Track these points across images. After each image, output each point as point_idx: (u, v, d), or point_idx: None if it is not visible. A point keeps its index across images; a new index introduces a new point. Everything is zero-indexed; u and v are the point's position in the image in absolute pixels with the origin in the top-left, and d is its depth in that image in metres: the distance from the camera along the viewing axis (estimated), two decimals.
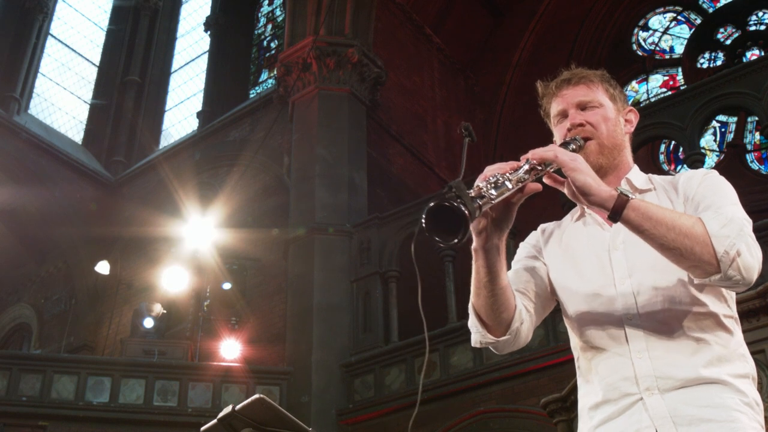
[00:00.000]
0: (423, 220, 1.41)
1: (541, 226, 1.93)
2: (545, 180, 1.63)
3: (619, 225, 1.63)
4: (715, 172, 1.76)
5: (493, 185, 1.49)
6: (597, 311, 1.69)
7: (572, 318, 1.76)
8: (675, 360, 1.60)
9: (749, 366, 1.68)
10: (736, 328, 1.71)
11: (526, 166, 1.55)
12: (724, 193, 1.68)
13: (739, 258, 1.50)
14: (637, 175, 1.83)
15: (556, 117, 1.85)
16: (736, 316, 1.73)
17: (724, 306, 1.69)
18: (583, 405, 1.73)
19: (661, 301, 1.64)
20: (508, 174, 1.53)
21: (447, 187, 1.41)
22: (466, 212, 1.35)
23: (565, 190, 1.60)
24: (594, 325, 1.70)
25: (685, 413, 1.56)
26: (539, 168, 1.57)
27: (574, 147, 1.71)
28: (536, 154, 1.57)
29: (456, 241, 1.40)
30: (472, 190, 1.45)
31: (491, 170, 1.55)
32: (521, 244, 1.93)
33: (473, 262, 1.68)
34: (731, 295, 1.72)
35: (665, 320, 1.62)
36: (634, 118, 1.92)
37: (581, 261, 1.75)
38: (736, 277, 1.52)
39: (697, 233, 1.52)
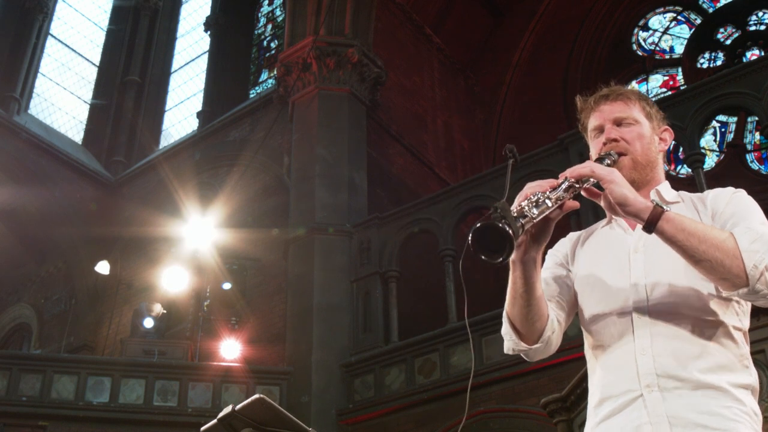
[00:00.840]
0: (470, 240, 1.47)
1: (570, 235, 1.99)
2: (583, 193, 1.68)
3: (641, 230, 1.69)
4: (743, 192, 1.80)
5: (534, 204, 1.56)
6: (610, 309, 1.74)
7: (587, 318, 1.80)
8: (678, 361, 1.63)
9: (752, 378, 1.69)
10: (744, 341, 1.73)
11: (565, 184, 1.61)
12: (752, 212, 1.72)
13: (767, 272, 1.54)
14: (667, 189, 1.87)
15: (593, 131, 1.91)
16: (746, 330, 1.75)
17: (735, 318, 1.72)
18: (590, 404, 1.77)
19: (672, 303, 1.68)
20: (548, 192, 1.59)
21: (493, 208, 1.48)
22: (511, 232, 1.44)
23: (602, 202, 1.64)
24: (605, 322, 1.75)
25: (681, 416, 1.59)
26: (577, 185, 1.63)
27: (608, 162, 1.77)
28: (574, 171, 1.63)
29: (501, 259, 1.47)
30: (514, 209, 1.53)
31: (531, 188, 1.61)
32: (549, 252, 1.97)
33: (510, 273, 1.73)
34: (745, 310, 1.76)
35: (673, 322, 1.66)
36: (669, 137, 1.95)
37: (602, 263, 1.80)
38: (764, 291, 1.55)
39: (728, 247, 1.56)
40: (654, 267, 1.72)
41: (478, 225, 1.45)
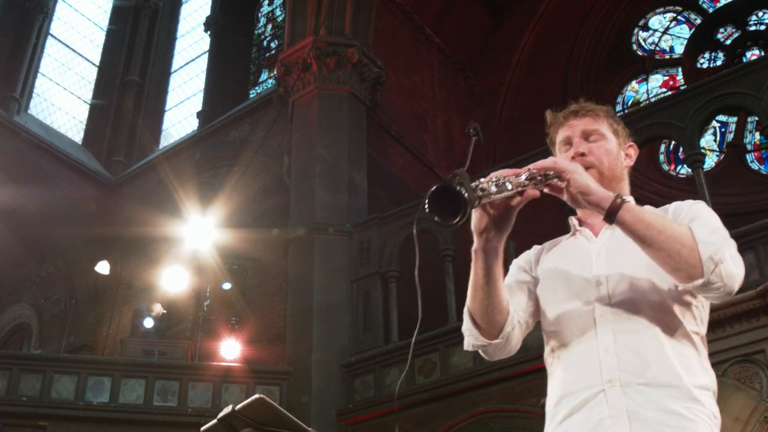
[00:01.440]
0: (426, 200, 1.51)
1: (535, 247, 2.03)
2: (546, 190, 1.71)
3: (604, 237, 1.82)
4: (702, 203, 1.86)
5: (494, 183, 1.59)
6: (572, 310, 1.77)
7: (549, 319, 1.84)
8: (640, 359, 1.66)
9: (711, 381, 1.72)
10: (702, 345, 1.78)
11: (527, 174, 1.65)
12: (711, 218, 1.76)
13: (722, 265, 1.59)
14: (631, 200, 1.88)
15: (561, 144, 1.96)
16: (704, 335, 1.80)
17: (693, 323, 1.77)
18: (548, 404, 1.78)
19: (634, 303, 1.71)
20: (509, 178, 1.63)
21: (451, 174, 1.51)
22: (466, 195, 1.46)
23: (565, 196, 1.68)
24: (567, 321, 1.78)
25: (641, 412, 1.61)
26: (539, 177, 1.66)
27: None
28: (537, 164, 1.68)
29: (456, 221, 1.50)
30: (474, 184, 1.55)
31: (495, 174, 1.65)
32: (513, 262, 2.02)
33: (472, 264, 1.76)
34: (703, 317, 1.82)
35: (635, 321, 1.70)
36: (633, 153, 2.02)
37: (565, 269, 1.84)
38: (718, 284, 1.60)
39: (685, 238, 1.61)
40: (616, 269, 1.76)
41: (436, 186, 1.48)
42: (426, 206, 1.52)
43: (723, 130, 12.38)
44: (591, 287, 1.76)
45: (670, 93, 12.27)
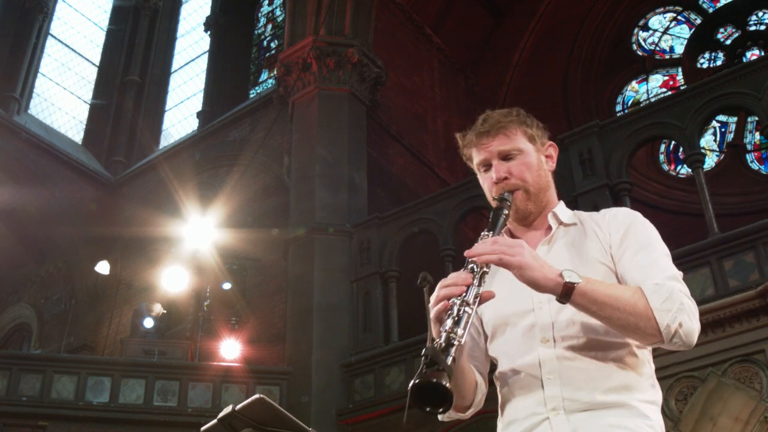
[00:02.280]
0: (409, 399, 1.48)
1: None
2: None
3: (542, 252, 1.79)
4: (638, 215, 1.84)
5: (456, 321, 1.52)
6: (515, 336, 1.77)
7: (494, 346, 1.83)
8: (584, 384, 1.66)
9: (657, 396, 1.73)
10: (649, 359, 1.77)
11: (476, 281, 1.58)
12: (653, 242, 1.76)
13: (681, 329, 1.59)
14: (563, 210, 1.90)
15: (479, 166, 1.91)
16: (650, 350, 1.79)
17: None
18: (499, 423, 1.81)
19: (577, 328, 1.71)
20: (465, 295, 1.56)
21: (423, 356, 1.47)
22: (448, 386, 1.41)
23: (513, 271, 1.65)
24: (511, 349, 1.77)
25: (587, 429, 1.62)
26: (486, 269, 1.61)
27: (506, 212, 1.78)
28: (482, 259, 1.60)
29: (443, 410, 1.50)
30: (441, 340, 1.48)
31: (445, 293, 1.58)
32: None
33: None
34: None
35: (580, 346, 1.70)
36: (554, 152, 1.95)
37: (505, 289, 1.77)
38: (679, 344, 1.61)
39: (640, 309, 1.60)
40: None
41: (415, 383, 1.44)
42: (410, 404, 1.50)
43: (723, 130, 12.39)
44: (532, 312, 1.75)
45: (670, 93, 12.28)
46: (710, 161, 11.86)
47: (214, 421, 1.45)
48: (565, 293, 1.58)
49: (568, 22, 13.99)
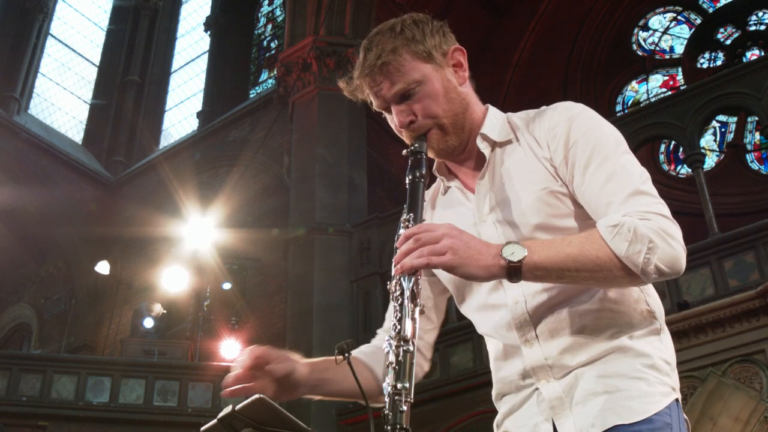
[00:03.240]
0: None
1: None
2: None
3: (481, 192, 1.55)
4: (574, 110, 1.54)
5: (397, 374, 1.32)
6: (480, 298, 1.57)
7: (462, 306, 1.64)
8: (568, 343, 1.46)
9: (656, 320, 1.50)
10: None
11: (407, 301, 1.37)
12: (601, 147, 1.48)
13: (659, 264, 1.35)
14: (492, 127, 1.59)
15: (379, 108, 1.61)
16: None
17: None
18: (493, 394, 1.65)
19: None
20: (400, 333, 1.34)
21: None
22: None
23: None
24: (481, 311, 1.58)
25: (580, 389, 1.44)
26: (419, 277, 1.39)
27: (423, 172, 1.52)
28: (405, 265, 1.36)
29: None
30: (386, 408, 1.31)
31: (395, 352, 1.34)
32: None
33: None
34: None
35: (553, 300, 1.48)
36: (462, 57, 1.61)
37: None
38: (664, 275, 1.38)
39: (604, 260, 1.36)
40: (509, 234, 1.51)
41: None
42: None
43: (723, 130, 12.38)
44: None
45: (670, 93, 12.28)
46: (710, 161, 11.86)
47: (214, 421, 1.44)
48: (513, 274, 1.35)
49: (568, 22, 13.99)
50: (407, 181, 1.52)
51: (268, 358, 1.54)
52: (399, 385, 1.31)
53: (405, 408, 1.29)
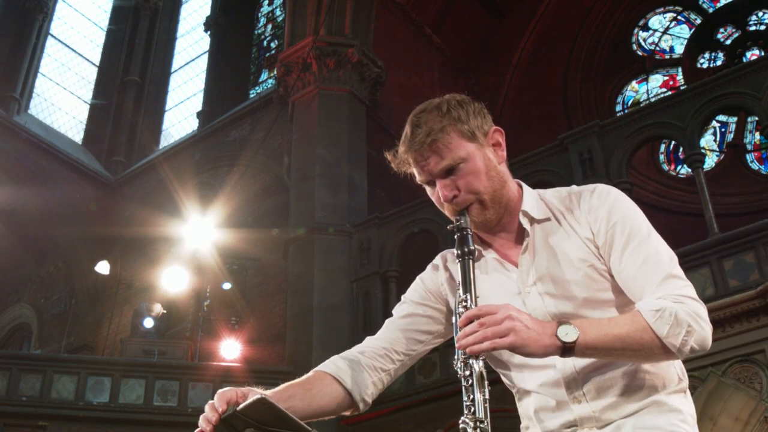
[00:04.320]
0: None
1: (438, 260, 1.85)
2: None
3: (524, 264, 1.67)
4: (612, 195, 1.68)
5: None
6: (523, 358, 1.64)
7: (499, 360, 1.77)
8: (612, 399, 1.61)
9: (682, 379, 1.69)
10: None
11: (476, 382, 1.59)
12: (636, 230, 1.62)
13: (693, 342, 1.54)
14: (531, 205, 1.71)
15: (423, 182, 1.74)
16: None
17: None
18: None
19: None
20: (475, 415, 1.56)
21: None
22: None
23: None
24: (525, 370, 1.70)
25: None
26: (483, 358, 1.56)
27: (472, 249, 1.61)
28: (473, 350, 1.53)
29: None
30: None
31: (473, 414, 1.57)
32: (417, 279, 1.88)
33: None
34: None
35: (599, 361, 1.62)
36: (500, 138, 1.74)
37: (494, 296, 1.68)
38: (695, 353, 1.57)
39: (647, 341, 1.52)
40: (557, 309, 1.64)
41: None
42: None
43: (723, 130, 12.38)
44: None
45: (670, 93, 12.28)
46: (710, 161, 11.86)
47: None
48: (566, 352, 1.50)
49: (568, 22, 13.99)
50: (456, 258, 1.62)
51: (234, 402, 1.60)
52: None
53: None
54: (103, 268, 11.56)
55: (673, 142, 11.97)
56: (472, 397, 1.55)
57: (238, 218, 11.23)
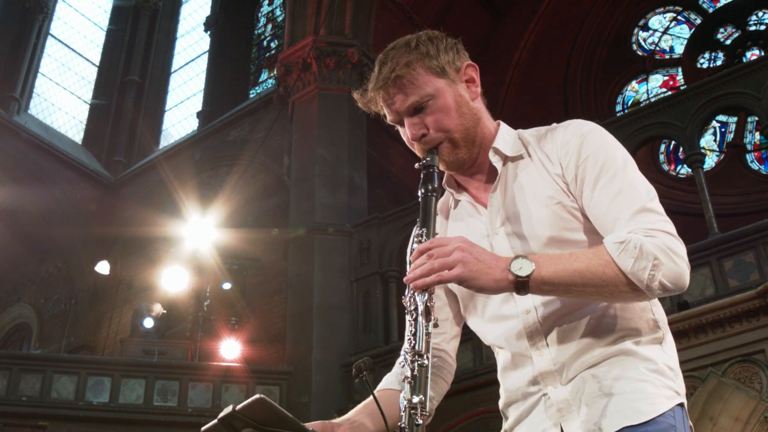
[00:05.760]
0: None
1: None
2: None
3: (494, 205, 1.59)
4: (585, 129, 1.60)
5: (412, 388, 1.37)
6: (492, 309, 1.60)
7: (472, 318, 1.68)
8: (576, 347, 1.51)
9: (660, 329, 1.55)
10: None
11: (421, 316, 1.43)
12: (609, 164, 1.52)
13: (662, 277, 1.40)
14: (504, 142, 1.64)
15: (392, 122, 1.65)
16: None
17: None
18: (500, 399, 1.68)
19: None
20: (415, 348, 1.40)
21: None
22: None
23: None
24: (491, 322, 1.62)
25: (587, 392, 1.48)
26: (432, 292, 1.44)
27: (436, 185, 1.55)
28: (417, 284, 1.42)
29: None
30: (403, 421, 1.35)
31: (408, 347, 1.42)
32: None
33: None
34: None
35: (563, 308, 1.52)
36: (474, 74, 1.64)
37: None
38: (668, 291, 1.43)
39: (611, 276, 1.40)
40: (523, 252, 1.52)
41: None
42: None
43: (723, 130, 12.38)
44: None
45: (670, 93, 12.28)
46: (710, 161, 11.86)
47: (215, 421, 1.44)
48: (521, 288, 1.40)
49: (568, 22, 13.99)
50: (419, 195, 1.56)
51: None
52: (415, 399, 1.35)
53: (421, 422, 1.33)
54: (103, 268, 11.56)
55: (673, 142, 11.97)
56: (414, 330, 1.43)
57: (238, 218, 11.23)
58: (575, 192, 1.55)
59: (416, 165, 1.60)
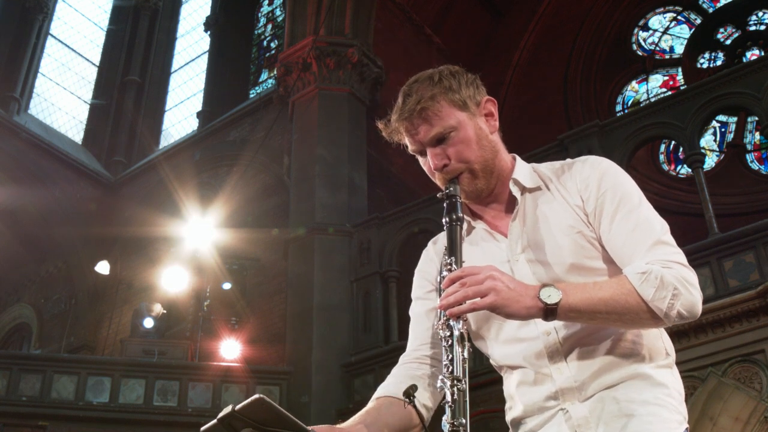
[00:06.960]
0: None
1: (431, 244, 1.87)
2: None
3: (514, 233, 1.67)
4: (604, 165, 1.69)
5: (453, 412, 1.47)
6: (510, 332, 1.66)
7: (482, 339, 1.73)
8: (595, 368, 1.60)
9: (669, 356, 1.66)
10: None
11: (456, 342, 1.50)
12: (626, 199, 1.63)
13: (680, 307, 1.51)
14: (523, 174, 1.73)
15: (414, 152, 1.73)
16: None
17: None
18: (509, 419, 1.72)
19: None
20: (453, 373, 1.48)
21: None
22: None
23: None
24: (509, 344, 1.67)
25: (605, 411, 1.56)
26: (465, 319, 1.52)
27: (460, 216, 1.63)
28: (453, 312, 1.49)
29: None
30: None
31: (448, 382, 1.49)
32: (416, 273, 1.87)
33: None
34: None
35: (582, 329, 1.60)
36: (492, 107, 1.74)
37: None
38: (683, 318, 1.54)
39: (633, 305, 1.51)
40: (545, 277, 1.62)
41: None
42: None
43: (723, 130, 12.38)
44: None
45: (670, 93, 12.27)
46: (710, 161, 11.86)
47: (214, 421, 1.44)
48: (549, 314, 1.49)
49: (568, 22, 13.99)
50: (444, 223, 1.64)
51: None
52: (456, 422, 1.45)
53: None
54: (103, 268, 11.56)
55: (673, 142, 11.97)
56: (450, 356, 1.50)
57: (238, 218, 11.23)
58: (594, 223, 1.65)
59: (438, 195, 1.68)
